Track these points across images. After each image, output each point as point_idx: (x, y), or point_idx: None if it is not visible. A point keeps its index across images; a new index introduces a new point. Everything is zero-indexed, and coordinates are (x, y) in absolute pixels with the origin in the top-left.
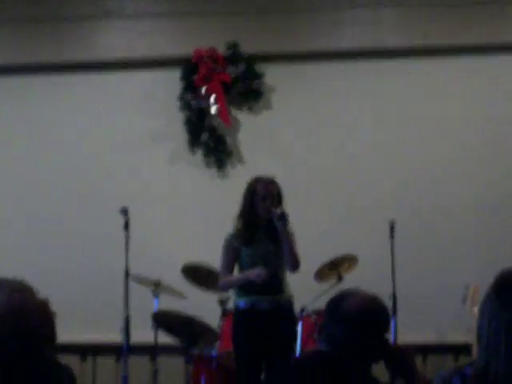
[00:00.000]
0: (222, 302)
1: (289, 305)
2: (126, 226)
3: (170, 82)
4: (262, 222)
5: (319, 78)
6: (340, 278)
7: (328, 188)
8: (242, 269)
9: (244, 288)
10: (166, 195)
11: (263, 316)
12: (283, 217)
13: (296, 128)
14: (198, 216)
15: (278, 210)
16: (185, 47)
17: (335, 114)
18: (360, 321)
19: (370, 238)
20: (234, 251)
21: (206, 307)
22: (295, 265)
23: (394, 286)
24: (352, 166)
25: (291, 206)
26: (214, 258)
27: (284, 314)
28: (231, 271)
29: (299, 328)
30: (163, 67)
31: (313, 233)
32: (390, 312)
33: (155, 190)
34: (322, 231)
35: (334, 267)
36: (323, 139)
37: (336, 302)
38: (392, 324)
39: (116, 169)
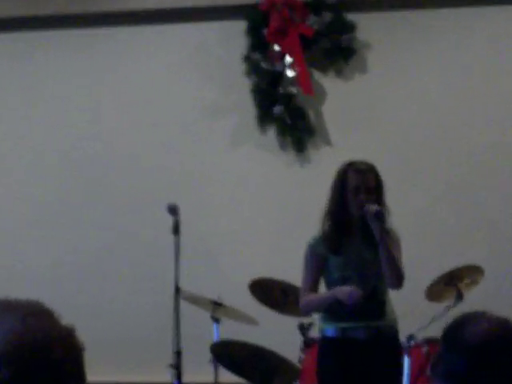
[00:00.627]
0: (304, 329)
1: (392, 332)
2: (176, 228)
3: (232, 37)
4: (356, 223)
5: (428, 28)
6: (460, 297)
7: (444, 175)
8: (329, 284)
9: (332, 311)
10: (228, 188)
11: (358, 347)
12: (380, 216)
13: (401, 96)
14: (271, 215)
15: (373, 207)
16: None
17: (454, 73)
18: (488, 352)
19: (500, 242)
20: (320, 261)
21: (282, 335)
22: (397, 281)
23: None
24: (474, 140)
25: (394, 199)
26: (291, 271)
27: (386, 345)
28: (316, 288)
29: (406, 362)
30: (222, 18)
31: (422, 236)
32: None
33: (214, 181)
34: (436, 234)
35: (452, 282)
36: (438, 108)
37: (456, 329)
38: None
39: (162, 153)
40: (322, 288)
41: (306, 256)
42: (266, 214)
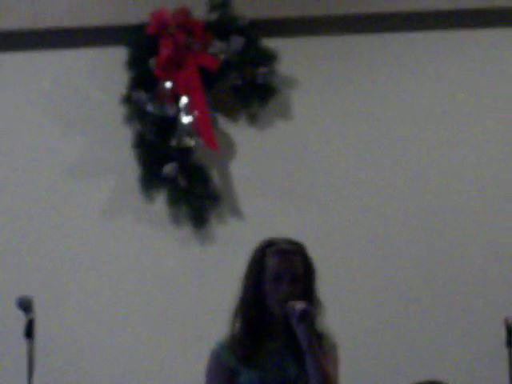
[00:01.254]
0: None
1: None
2: (29, 331)
3: (108, 69)
4: (278, 324)
5: (372, 57)
6: None
7: (413, 245)
8: None
9: None
10: (100, 275)
11: None
12: (306, 317)
13: (337, 148)
14: (158, 312)
15: (299, 305)
16: (133, 11)
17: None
18: None
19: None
20: (227, 375)
21: None
22: None
23: None
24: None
25: (336, 287)
26: None
27: None
28: None
29: None
30: (93, 43)
31: (373, 344)
32: None
33: (79, 266)
34: (391, 342)
35: None
36: (386, 155)
37: None
38: None
39: (12, 226)
40: None
41: (209, 368)
42: (152, 312)
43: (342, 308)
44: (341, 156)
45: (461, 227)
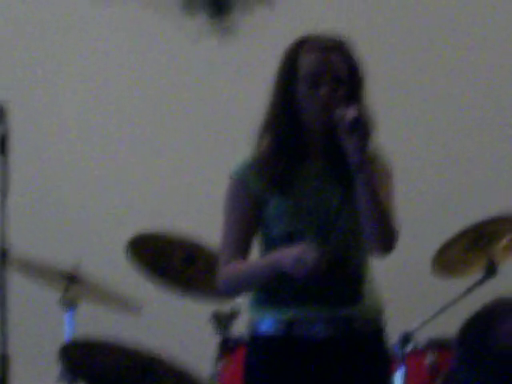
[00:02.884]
0: (222, 322)
1: (374, 329)
2: (2, 143)
3: None
4: (316, 141)
5: None
6: (493, 270)
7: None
8: (266, 246)
9: (272, 291)
10: (93, 78)
11: (314, 353)
12: (359, 127)
13: None
14: (163, 125)
15: (349, 112)
16: None
17: None
18: None
19: None
20: (253, 203)
21: (183, 332)
22: (384, 241)
23: None
24: None
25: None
26: (201, 223)
27: (363, 350)
28: (245, 251)
29: (398, 378)
30: None
31: (431, 171)
32: None
33: (62, 62)
34: (452, 168)
35: (479, 245)
36: None
37: (482, 327)
38: None
39: None
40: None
41: (229, 196)
42: (156, 121)
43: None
44: None
45: None
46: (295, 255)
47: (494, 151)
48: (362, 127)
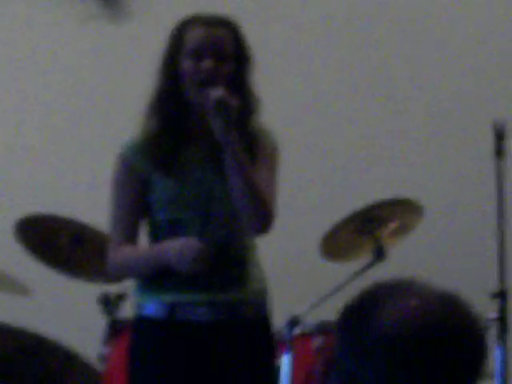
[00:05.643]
0: (110, 305)
1: (260, 313)
2: None
3: None
4: (201, 123)
5: None
6: (380, 254)
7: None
8: (152, 230)
9: (157, 276)
10: None
11: (199, 336)
12: (223, 107)
13: None
14: (57, 110)
15: (215, 93)
16: None
17: None
18: (414, 351)
19: (450, 160)
20: (139, 185)
21: (71, 315)
22: (258, 218)
23: (503, 273)
24: None
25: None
26: (88, 204)
27: (248, 334)
28: (134, 232)
29: (285, 363)
30: None
31: (317, 145)
32: (489, 332)
33: None
34: (343, 142)
35: (368, 228)
36: None
37: (364, 311)
38: (496, 356)
39: None
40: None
41: (116, 177)
42: (41, 105)
43: (285, 106)
44: None
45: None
46: (178, 250)
47: (383, 136)
48: (225, 109)
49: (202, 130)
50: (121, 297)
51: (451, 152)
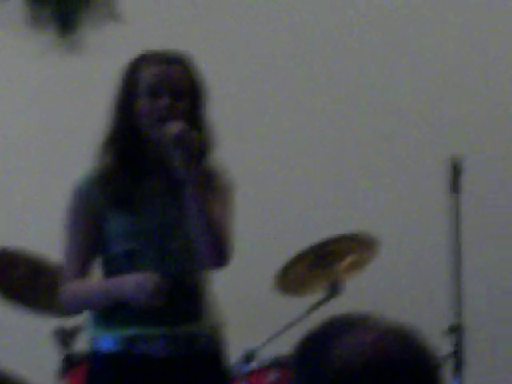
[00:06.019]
0: (65, 338)
1: (214, 346)
2: None
3: None
4: (158, 158)
5: None
6: (335, 289)
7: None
8: (107, 264)
9: (112, 310)
10: None
11: (153, 371)
12: (182, 141)
13: None
14: (10, 138)
15: (173, 127)
16: None
17: None
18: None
19: (406, 195)
20: (94, 217)
21: (24, 348)
22: (215, 254)
23: (459, 307)
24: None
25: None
26: (45, 238)
27: (202, 368)
28: (87, 267)
29: None
30: None
31: (275, 186)
32: (445, 368)
33: None
34: (298, 176)
35: (322, 263)
36: None
37: (318, 345)
38: None
39: None
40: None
41: (70, 210)
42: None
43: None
44: None
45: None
46: (134, 283)
47: (338, 171)
48: (185, 143)
49: (159, 165)
50: (75, 331)
51: (407, 187)
